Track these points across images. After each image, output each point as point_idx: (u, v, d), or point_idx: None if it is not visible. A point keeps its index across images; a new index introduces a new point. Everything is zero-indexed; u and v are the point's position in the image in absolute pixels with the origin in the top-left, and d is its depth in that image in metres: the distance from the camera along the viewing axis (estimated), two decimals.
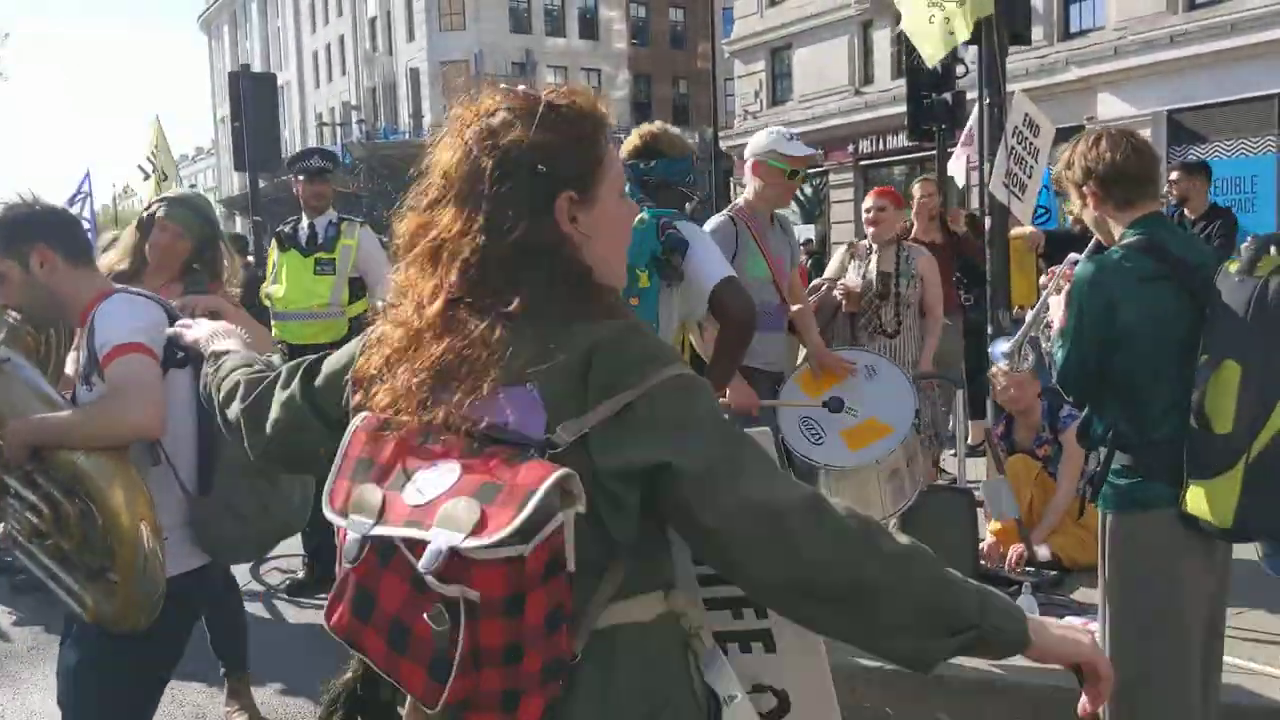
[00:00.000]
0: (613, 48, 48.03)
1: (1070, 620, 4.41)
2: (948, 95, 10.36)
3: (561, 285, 1.41)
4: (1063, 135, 17.74)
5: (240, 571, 6.05)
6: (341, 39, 51.75)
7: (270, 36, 59.95)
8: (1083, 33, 23.66)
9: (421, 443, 1.34)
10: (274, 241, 5.94)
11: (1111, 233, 2.89)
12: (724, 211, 4.66)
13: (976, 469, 6.55)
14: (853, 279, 5.99)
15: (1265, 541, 2.80)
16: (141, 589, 2.29)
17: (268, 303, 5.76)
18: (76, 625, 2.51)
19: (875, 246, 5.92)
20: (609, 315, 1.42)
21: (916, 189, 7.38)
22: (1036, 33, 24.12)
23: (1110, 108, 22.13)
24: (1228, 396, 2.53)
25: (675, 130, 3.99)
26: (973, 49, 7.15)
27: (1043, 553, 5.01)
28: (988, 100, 6.35)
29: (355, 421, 1.40)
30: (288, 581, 5.93)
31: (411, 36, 46.21)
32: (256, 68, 60.13)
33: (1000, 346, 3.59)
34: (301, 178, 5.76)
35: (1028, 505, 5.17)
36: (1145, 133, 21.25)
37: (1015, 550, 5.09)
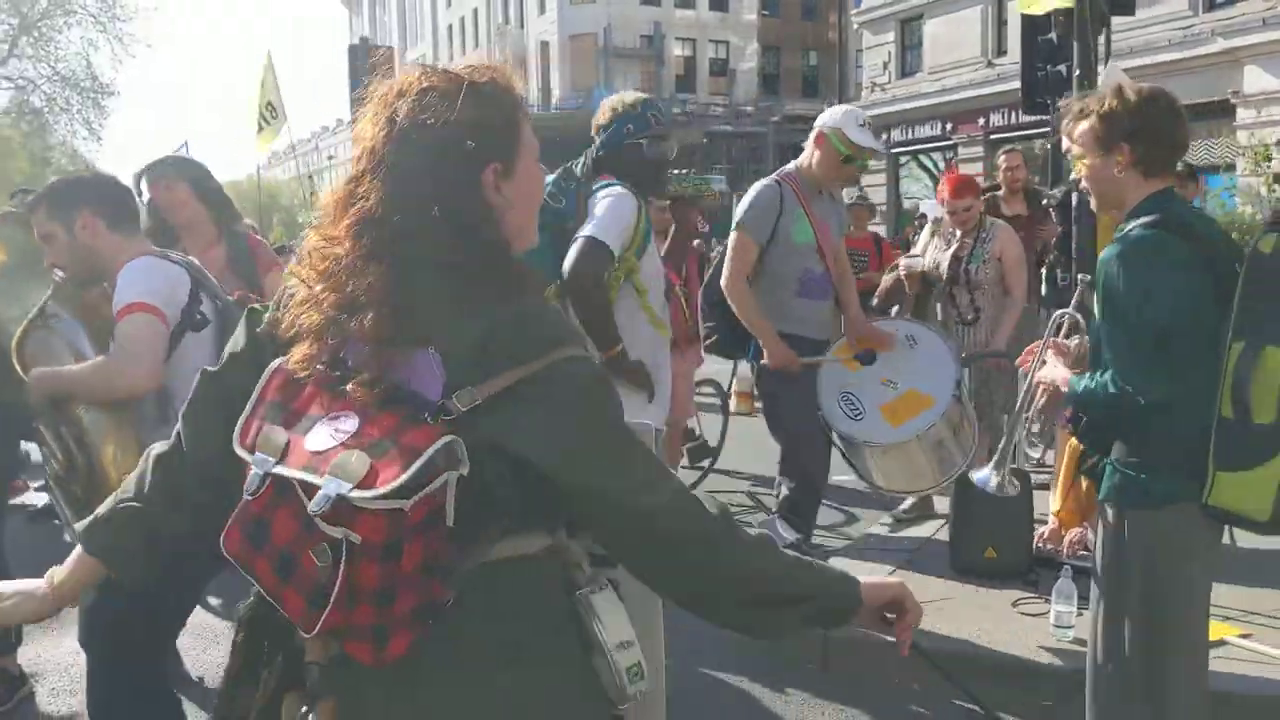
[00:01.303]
0: (742, 19, 47.53)
1: None
2: (1062, 67, 10.00)
3: (480, 256, 1.51)
4: (1204, 111, 17.09)
5: None
6: (475, 13, 52.52)
7: (407, 10, 61.22)
8: (1230, 2, 22.46)
9: (329, 394, 1.46)
10: None
11: (1124, 200, 2.72)
12: (772, 175, 4.64)
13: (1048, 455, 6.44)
14: (930, 258, 5.90)
15: None
16: None
17: None
18: None
19: (958, 231, 5.75)
20: (521, 288, 1.52)
21: (1002, 160, 7.19)
22: (1180, 3, 23.09)
23: (1257, 81, 21.05)
24: (1270, 385, 2.45)
25: (623, 97, 3.92)
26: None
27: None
28: (1078, 73, 6.11)
29: (272, 366, 1.52)
30: None
31: (543, 10, 46.60)
32: (394, 41, 61.39)
33: (984, 474, 3.64)
34: None
35: (1086, 490, 5.05)
36: None
37: (1074, 534, 4.99)
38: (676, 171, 3.80)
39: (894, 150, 31.09)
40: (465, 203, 1.51)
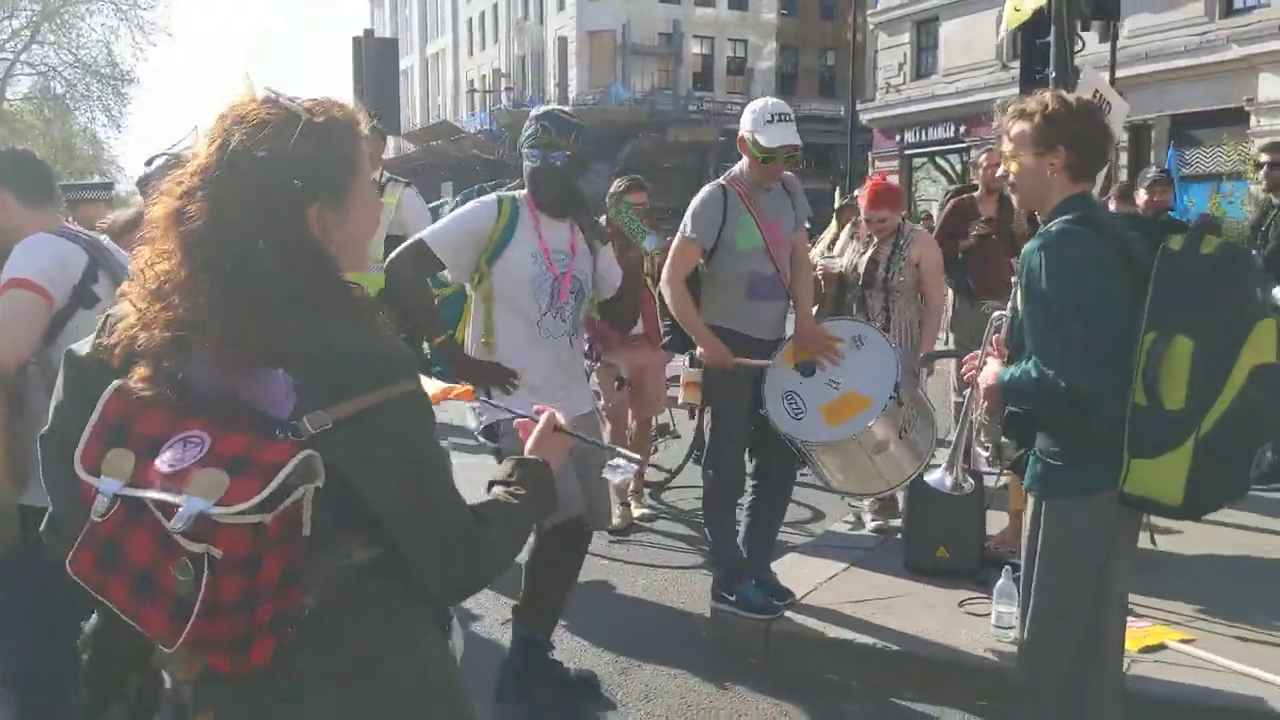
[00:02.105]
0: (761, 18, 47.43)
1: None
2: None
3: (308, 284, 1.54)
4: (1218, 118, 17.02)
5: None
6: (495, 7, 52.57)
7: (429, 3, 61.36)
8: (1246, 9, 22.30)
9: (174, 414, 1.48)
10: None
11: (1049, 200, 2.81)
12: (720, 178, 4.59)
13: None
14: (847, 260, 5.85)
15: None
16: None
17: None
18: None
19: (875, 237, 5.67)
20: (348, 312, 1.56)
21: (983, 159, 7.12)
22: (1196, 8, 22.94)
23: (1272, 88, 20.89)
24: (1179, 373, 2.51)
25: (536, 110, 3.96)
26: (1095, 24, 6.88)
27: None
28: (1053, 74, 6.07)
29: (111, 387, 1.52)
30: None
31: (562, 6, 46.60)
32: (415, 35, 61.61)
33: (937, 475, 3.60)
34: None
35: None
36: None
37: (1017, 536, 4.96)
38: (626, 198, 3.76)
39: (908, 152, 31.00)
40: (290, 235, 1.54)
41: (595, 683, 4.08)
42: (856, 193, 13.16)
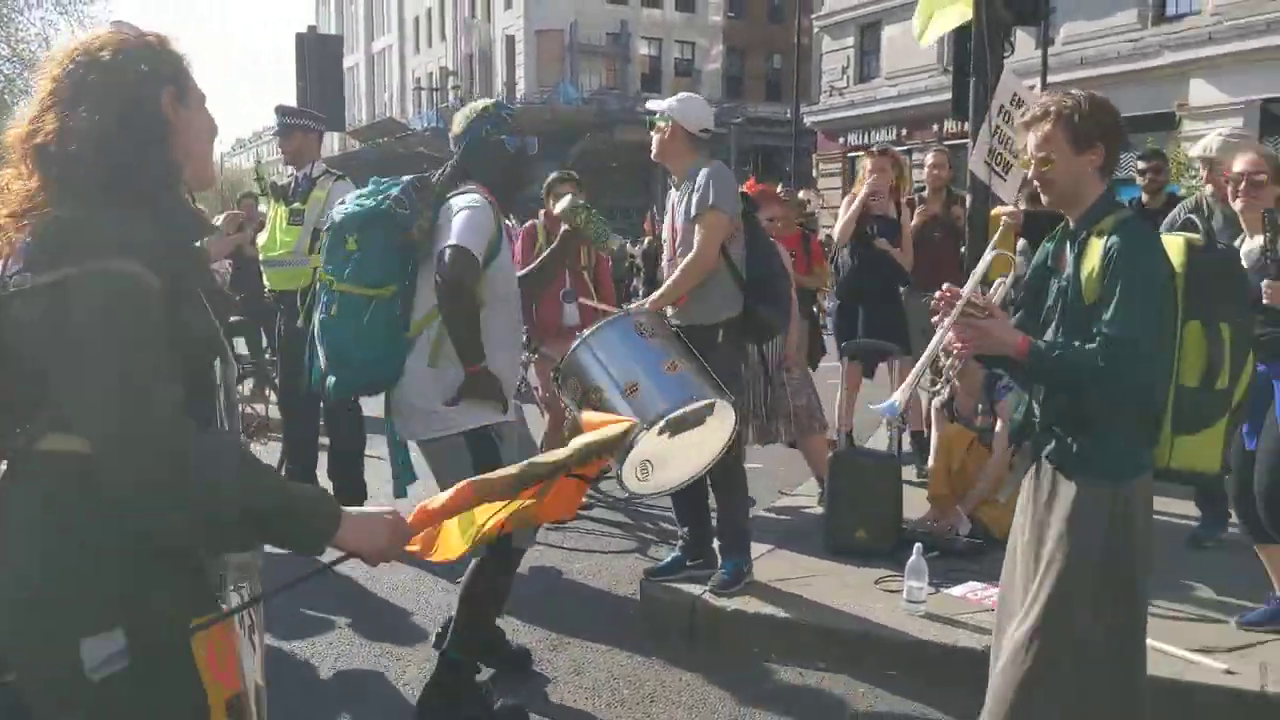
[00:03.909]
0: (709, 20, 47.75)
1: (971, 586, 4.53)
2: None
3: (151, 168, 1.72)
4: (1151, 122, 17.33)
5: None
6: (441, 4, 52.39)
7: (374, 1, 60.99)
8: (1178, 17, 22.91)
9: None
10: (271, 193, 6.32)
11: (1086, 197, 2.81)
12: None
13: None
14: None
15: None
16: None
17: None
18: None
19: None
20: (152, 200, 1.70)
21: (929, 158, 7.40)
22: (1130, 15, 23.52)
23: (1203, 95, 21.49)
24: (1226, 355, 2.75)
25: (474, 104, 3.95)
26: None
27: (964, 523, 5.12)
28: (973, 79, 6.30)
29: None
30: None
31: (509, 4, 46.55)
32: (360, 31, 60.65)
33: (887, 403, 3.46)
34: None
35: (960, 474, 5.27)
36: (1237, 122, 20.63)
37: (942, 518, 5.21)
38: (582, 203, 3.72)
39: (851, 155, 31.40)
40: (144, 115, 1.71)
41: (528, 657, 4.24)
42: (804, 195, 13.36)
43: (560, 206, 4.07)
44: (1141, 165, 6.84)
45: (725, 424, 3.87)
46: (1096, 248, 2.72)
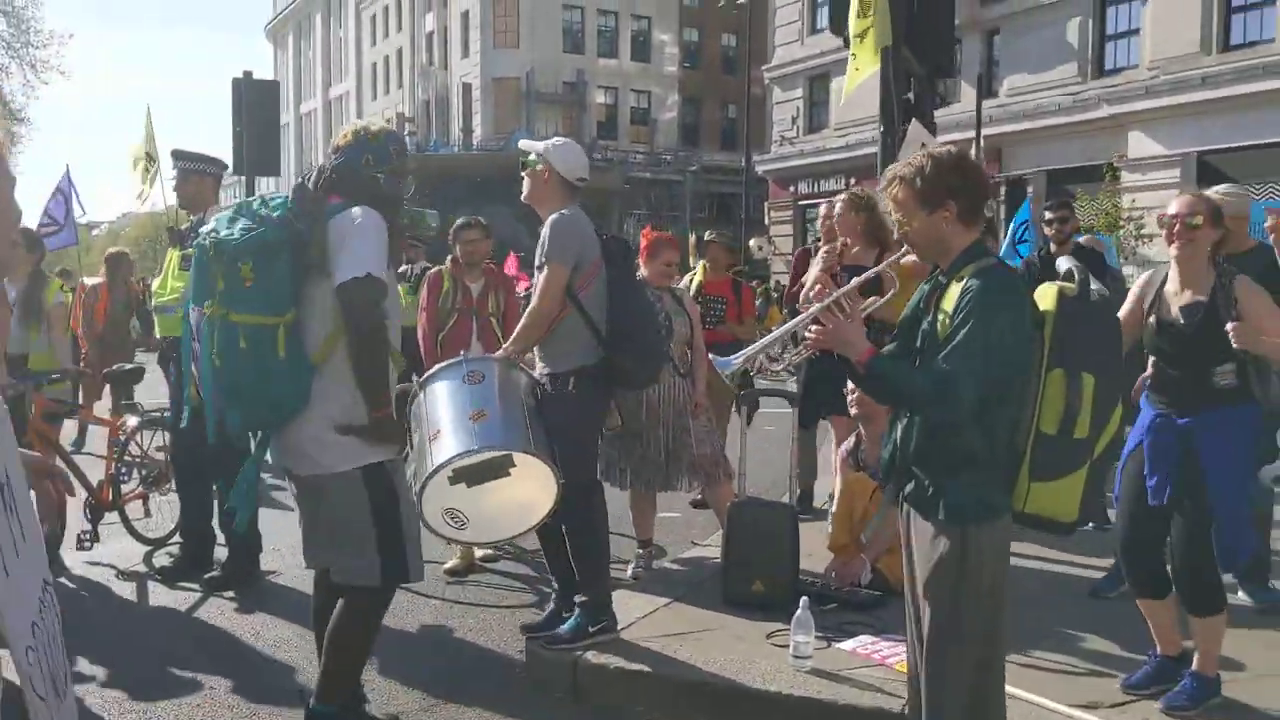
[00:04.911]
0: (664, 70, 48.30)
1: (862, 639, 4.41)
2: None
3: None
4: (1090, 173, 17.66)
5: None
6: (400, 52, 52.65)
7: (332, 47, 61.16)
8: (1117, 70, 23.39)
9: None
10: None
11: (951, 249, 2.90)
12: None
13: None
14: None
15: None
16: None
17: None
18: None
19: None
20: None
21: (821, 209, 7.38)
22: (1070, 69, 23.97)
23: (1141, 146, 21.88)
24: (1087, 405, 2.78)
25: (369, 124, 3.84)
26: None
27: (866, 573, 5.02)
28: (880, 129, 6.31)
29: None
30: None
31: (466, 52, 46.88)
32: (318, 78, 61.02)
33: (726, 358, 3.41)
34: None
35: (863, 522, 5.17)
36: (1174, 173, 21.03)
37: (845, 569, 5.10)
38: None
39: (801, 203, 31.73)
40: None
41: None
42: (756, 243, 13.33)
43: None
44: (1049, 215, 6.86)
45: (549, 480, 3.82)
46: (956, 291, 2.81)
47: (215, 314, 3.42)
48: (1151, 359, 4.02)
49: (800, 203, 31.66)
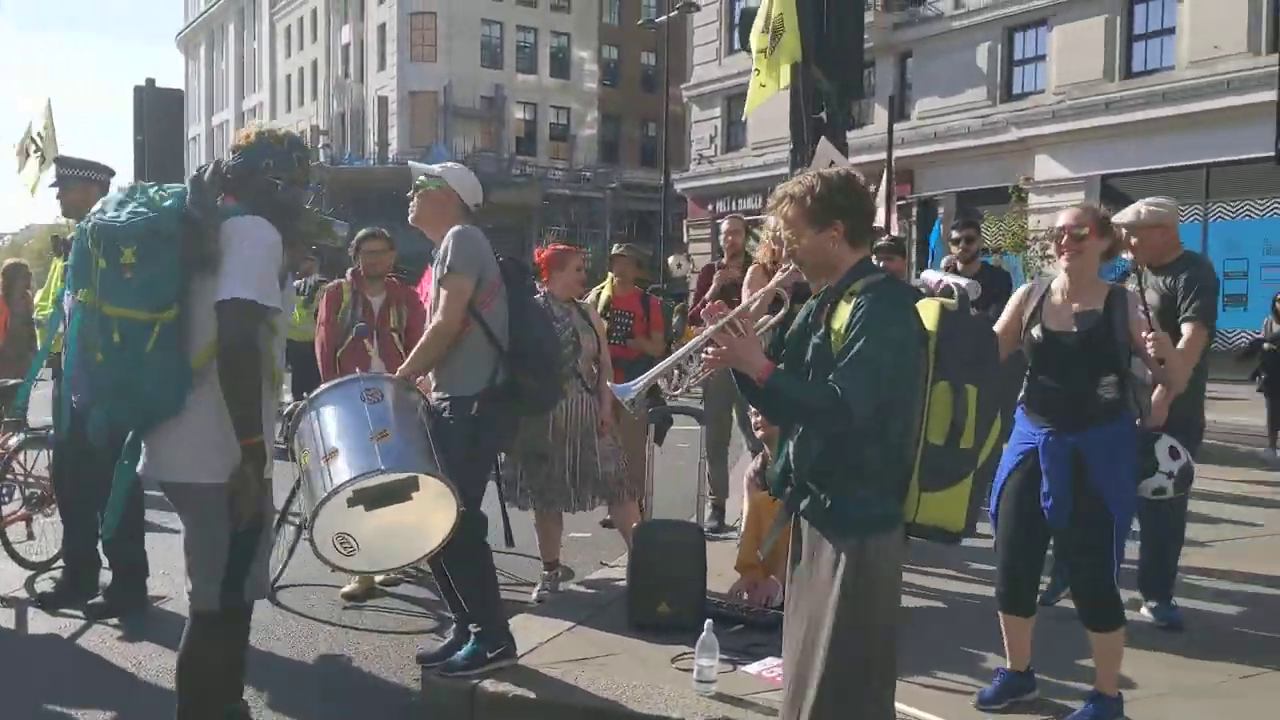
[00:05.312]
0: (584, 87, 48.34)
1: (768, 662, 4.33)
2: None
3: None
4: (999, 195, 18.04)
5: None
6: (314, 64, 51.90)
7: (246, 58, 60.07)
8: (1024, 95, 23.97)
9: None
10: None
11: (839, 268, 2.93)
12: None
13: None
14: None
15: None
16: None
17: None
18: None
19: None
20: None
21: (724, 225, 7.35)
22: (979, 93, 24.50)
23: (1047, 169, 22.39)
24: (971, 415, 2.85)
25: (275, 128, 3.61)
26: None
27: (778, 593, 4.94)
28: (791, 147, 6.30)
29: None
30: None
31: (383, 65, 46.38)
32: (230, 90, 60.19)
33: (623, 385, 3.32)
34: None
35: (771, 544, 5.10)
36: (1079, 195, 21.52)
37: (755, 589, 5.04)
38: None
39: (719, 220, 31.82)
40: None
41: None
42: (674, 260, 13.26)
43: None
44: (955, 234, 6.92)
45: (450, 504, 3.65)
46: (848, 307, 2.84)
47: (90, 303, 3.20)
48: (1030, 374, 4.02)
49: (718, 220, 31.76)
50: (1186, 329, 4.80)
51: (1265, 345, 12.01)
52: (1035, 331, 3.93)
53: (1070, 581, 4.02)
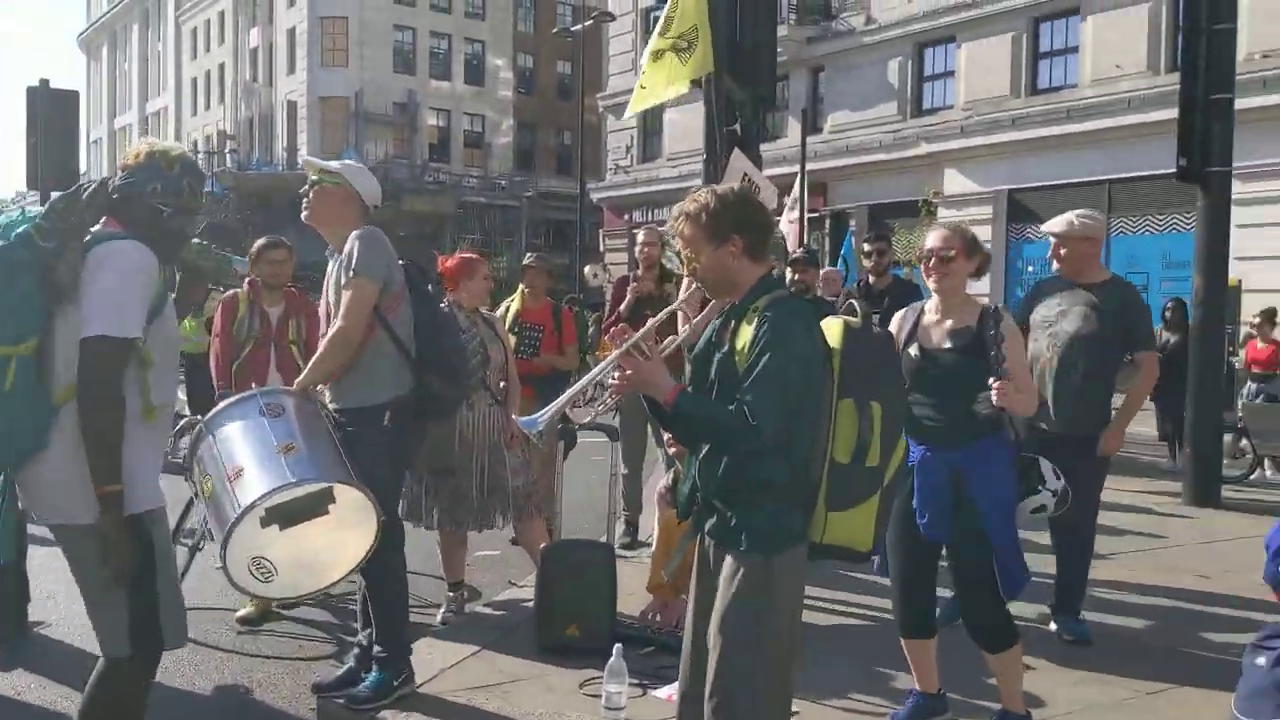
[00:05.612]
0: (499, 94, 48.01)
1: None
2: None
3: None
4: (910, 209, 18.29)
5: None
6: (222, 67, 50.72)
7: (150, 60, 58.48)
8: (934, 110, 24.36)
9: None
10: None
11: (740, 284, 2.91)
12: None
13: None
14: None
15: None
16: None
17: None
18: None
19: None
20: None
21: (641, 236, 7.25)
22: (890, 108, 24.86)
23: (956, 184, 22.78)
24: (876, 432, 2.84)
25: (168, 148, 3.30)
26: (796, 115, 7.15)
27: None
28: (704, 158, 6.23)
29: None
30: None
31: (292, 69, 45.52)
32: (134, 92, 59.00)
33: (529, 418, 3.07)
34: None
35: (681, 563, 5.00)
36: (986, 209, 21.98)
37: (666, 610, 4.94)
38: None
39: (635, 230, 31.84)
40: None
41: None
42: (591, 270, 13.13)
43: None
44: (867, 248, 6.92)
45: (369, 515, 3.47)
46: (751, 324, 2.81)
47: None
48: (909, 393, 3.98)
49: (634, 230, 31.77)
50: (1142, 358, 5.19)
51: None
52: (912, 350, 3.90)
53: (960, 603, 3.98)
